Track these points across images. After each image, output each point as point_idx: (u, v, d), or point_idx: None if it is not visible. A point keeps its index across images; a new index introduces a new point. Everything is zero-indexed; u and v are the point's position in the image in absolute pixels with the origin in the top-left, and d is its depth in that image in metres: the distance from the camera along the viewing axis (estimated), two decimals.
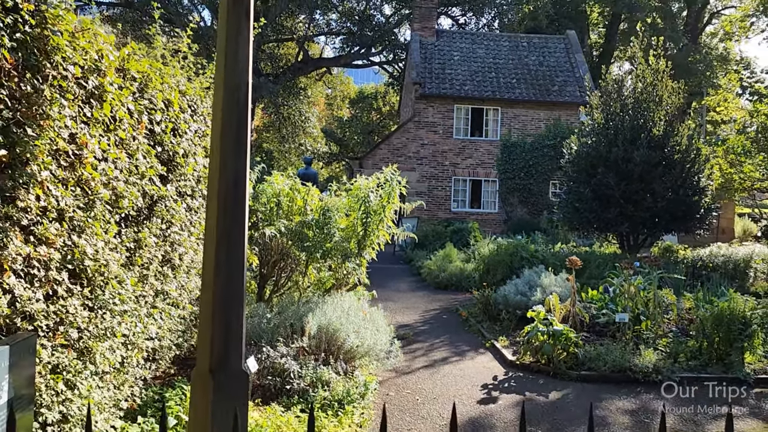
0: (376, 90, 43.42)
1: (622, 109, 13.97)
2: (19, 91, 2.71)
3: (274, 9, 29.12)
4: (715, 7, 39.99)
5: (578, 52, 25.56)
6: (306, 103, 36.71)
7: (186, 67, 5.74)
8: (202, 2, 30.72)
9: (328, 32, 35.20)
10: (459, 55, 25.06)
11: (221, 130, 3.58)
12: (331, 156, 42.53)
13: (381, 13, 33.73)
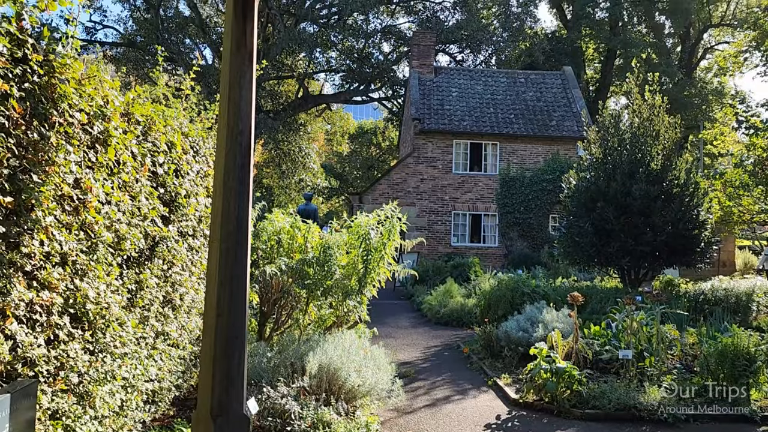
0: (376, 125, 43.85)
1: (619, 143, 14.08)
2: (26, 139, 2.76)
3: (275, 47, 29.59)
4: (709, 42, 40.68)
5: (575, 87, 25.90)
6: (306, 138, 37.03)
7: (188, 108, 5.82)
8: (204, 41, 31.25)
9: (328, 69, 35.71)
10: (457, 91, 25.39)
11: (224, 174, 3.63)
12: (331, 191, 42.70)
13: (380, 50, 34.28)
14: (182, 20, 30.48)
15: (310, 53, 32.58)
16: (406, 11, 35.48)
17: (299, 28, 31.09)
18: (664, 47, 37.81)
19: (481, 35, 31.98)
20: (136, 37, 29.94)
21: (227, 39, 3.49)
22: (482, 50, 33.50)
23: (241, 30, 3.47)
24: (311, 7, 31.29)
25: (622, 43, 34.93)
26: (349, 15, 31.02)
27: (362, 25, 32.56)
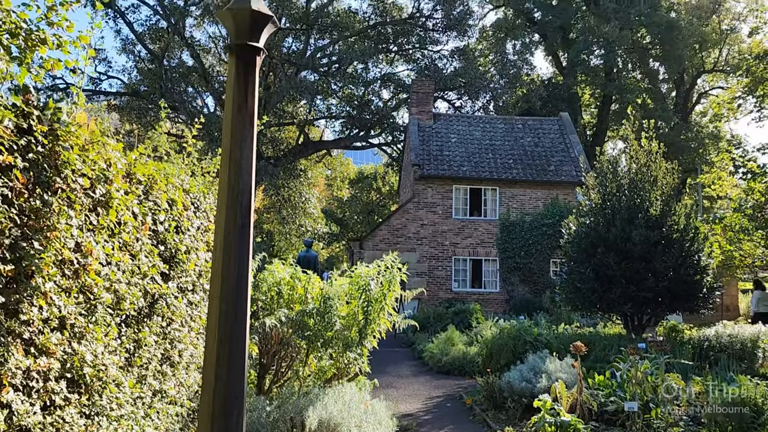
0: (376, 170, 44.18)
1: (618, 189, 14.17)
2: (28, 207, 2.78)
3: (276, 95, 30.08)
4: (703, 87, 41.38)
5: (572, 132, 26.20)
6: (306, 184, 37.27)
7: (190, 164, 5.89)
8: (206, 90, 31.78)
9: (329, 116, 36.21)
10: (456, 137, 25.68)
11: (224, 234, 3.64)
12: (331, 236, 42.73)
13: (379, 97, 34.84)
14: (185, 70, 31.06)
15: (311, 100, 33.11)
16: (405, 59, 36.19)
17: (300, 77, 31.67)
18: (659, 92, 38.42)
19: (479, 82, 32.53)
20: (140, 86, 30.46)
21: (229, 101, 3.55)
22: (480, 97, 34.04)
23: (243, 93, 3.53)
24: (312, 57, 31.94)
25: (618, 88, 35.49)
26: (349, 64, 31.64)
27: (362, 74, 33.17)
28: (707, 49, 38.09)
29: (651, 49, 37.91)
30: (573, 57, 36.59)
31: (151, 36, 31.11)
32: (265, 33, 3.65)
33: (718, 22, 38.06)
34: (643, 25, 35.41)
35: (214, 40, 34.41)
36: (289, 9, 30.73)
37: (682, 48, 34.40)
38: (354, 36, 32.66)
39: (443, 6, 33.16)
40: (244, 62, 3.53)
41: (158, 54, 30.43)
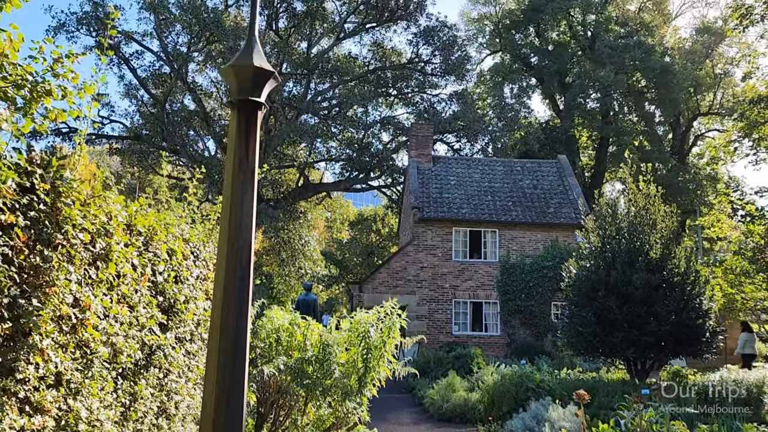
0: (375, 212, 44.30)
1: (617, 232, 14.18)
2: (28, 264, 2.78)
3: (277, 138, 30.38)
4: (699, 130, 41.87)
5: (570, 175, 26.37)
6: (306, 226, 37.32)
7: (190, 212, 5.91)
8: (207, 133, 32.12)
9: (328, 159, 36.51)
10: (455, 179, 25.83)
11: (224, 287, 3.63)
12: (330, 279, 42.56)
13: (379, 140, 35.17)
14: (187, 114, 31.46)
15: (311, 143, 33.43)
16: (404, 103, 36.69)
17: (300, 120, 32.07)
18: (656, 135, 38.87)
19: (478, 125, 32.90)
20: (142, 130, 30.80)
21: (230, 155, 3.59)
22: (479, 139, 34.40)
23: (244, 148, 3.58)
24: (312, 100, 32.39)
25: (615, 131, 35.91)
26: (349, 107, 32.06)
27: (362, 117, 33.61)
28: (702, 93, 38.69)
29: (646, 93, 38.51)
30: (570, 100, 37.13)
31: (154, 81, 31.62)
32: (267, 88, 3.71)
33: (711, 67, 38.76)
34: (638, 70, 36.04)
35: (216, 85, 34.95)
36: (291, 55, 31.32)
37: (677, 92, 34.94)
38: (354, 80, 33.19)
39: (441, 52, 33.79)
40: (245, 117, 3.58)
41: (160, 98, 30.87)
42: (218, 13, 29.52)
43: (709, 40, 38.22)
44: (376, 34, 35.77)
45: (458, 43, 34.67)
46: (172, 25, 30.64)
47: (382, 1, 33.34)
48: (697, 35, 40.27)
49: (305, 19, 32.32)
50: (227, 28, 28.39)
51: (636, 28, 38.98)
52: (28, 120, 5.12)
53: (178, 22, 30.29)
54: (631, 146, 37.45)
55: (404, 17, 34.00)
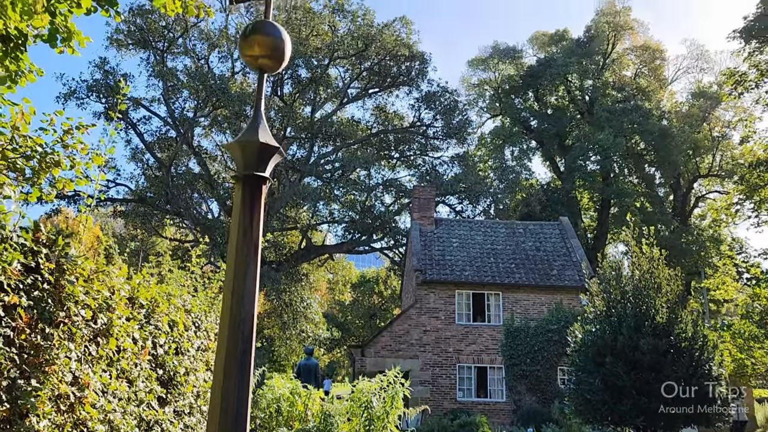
0: (378, 274, 44.15)
1: (622, 296, 14.04)
2: (29, 344, 2.75)
3: (280, 201, 30.61)
4: (700, 191, 42.14)
5: (573, 237, 26.38)
6: (308, 288, 37.10)
7: (192, 281, 5.89)
8: (212, 196, 32.40)
9: (331, 221, 36.64)
10: (458, 241, 25.83)
11: (225, 361, 3.58)
12: (332, 342, 42.00)
13: (382, 202, 35.41)
14: (191, 177, 31.83)
15: (314, 206, 33.65)
16: (406, 165, 37.13)
17: (304, 183, 32.39)
18: (657, 197, 39.12)
19: (479, 187, 33.18)
20: (147, 193, 31.10)
21: (234, 228, 3.61)
22: (480, 201, 34.60)
23: (248, 221, 3.60)
24: (316, 163, 32.82)
25: (616, 193, 36.16)
26: (352, 170, 32.45)
27: (364, 180, 33.94)
28: (701, 155, 39.17)
29: (646, 155, 38.99)
30: (570, 163, 37.57)
31: (160, 145, 32.16)
32: (272, 163, 3.76)
33: (709, 130, 39.37)
34: (636, 133, 36.63)
35: (221, 148, 35.51)
36: (295, 119, 31.96)
37: (675, 154, 35.38)
38: (357, 144, 33.74)
39: (443, 116, 34.47)
40: (250, 192, 3.61)
41: (166, 162, 31.32)
42: (225, 80, 30.32)
43: (705, 104, 38.99)
44: (378, 98, 36.65)
45: (459, 108, 35.43)
46: (180, 91, 31.43)
47: (384, 68, 34.29)
48: (693, 99, 41.11)
49: (309, 85, 33.14)
50: (233, 94, 29.10)
51: (633, 93, 39.85)
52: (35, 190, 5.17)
53: (186, 88, 31.07)
54: (632, 208, 37.63)
55: (406, 83, 34.88)
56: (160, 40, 31.98)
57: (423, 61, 34.40)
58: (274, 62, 3.76)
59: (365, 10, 34.17)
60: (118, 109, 5.06)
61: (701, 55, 43.63)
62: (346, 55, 33.92)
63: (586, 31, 41.77)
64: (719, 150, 39.25)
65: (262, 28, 3.71)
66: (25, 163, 4.77)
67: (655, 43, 42.73)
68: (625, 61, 43.01)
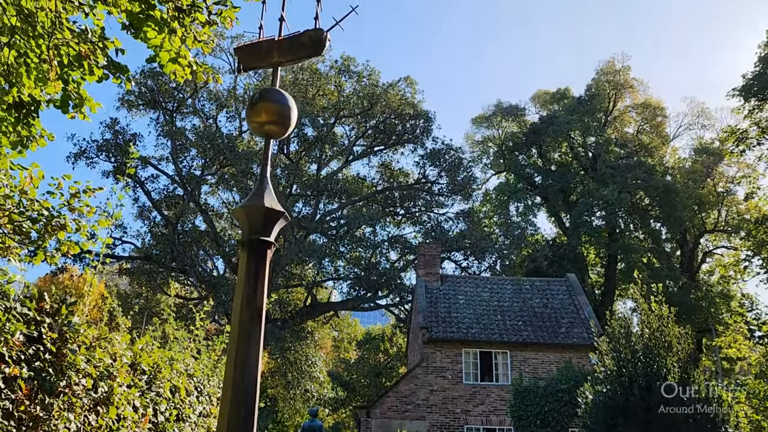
0: (383, 331, 43.61)
1: (632, 355, 13.78)
2: (28, 416, 2.70)
3: (285, 258, 30.59)
4: (707, 246, 41.92)
5: (580, 293, 26.13)
6: (313, 346, 36.62)
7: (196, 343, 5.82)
8: (217, 253, 32.45)
9: (336, 278, 36.48)
10: (464, 298, 25.61)
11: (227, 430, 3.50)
12: (337, 402, 41.13)
13: (387, 259, 35.32)
14: (197, 234, 31.97)
15: (319, 263, 33.59)
16: (411, 221, 37.22)
17: (309, 240, 32.45)
18: (664, 252, 38.94)
19: (485, 243, 33.12)
20: (153, 250, 31.18)
21: (238, 295, 3.59)
22: (486, 257, 34.46)
23: (252, 288, 3.58)
24: (321, 221, 32.97)
25: (622, 248, 36.03)
26: (358, 227, 32.53)
27: (370, 236, 33.99)
28: (706, 210, 39.17)
29: (651, 211, 39.03)
30: (575, 218, 37.61)
31: (167, 202, 32.44)
32: (277, 228, 3.77)
33: (713, 185, 39.52)
34: (640, 189, 36.78)
35: (228, 206, 35.77)
36: (301, 177, 32.31)
37: (681, 209, 35.41)
38: (362, 200, 33.95)
39: (447, 172, 34.78)
40: (255, 257, 3.61)
41: (172, 219, 31.53)
42: (232, 139, 30.84)
43: (708, 160, 39.27)
44: (384, 156, 37.11)
45: (464, 164, 35.78)
46: (188, 150, 31.95)
47: (389, 126, 34.85)
48: (696, 155, 41.43)
49: (315, 143, 33.66)
50: (240, 152, 29.54)
51: (636, 149, 40.25)
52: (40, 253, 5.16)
53: (194, 147, 31.58)
54: (639, 264, 37.41)
55: (411, 140, 35.38)
56: (170, 100, 32.72)
57: (427, 119, 34.98)
58: (281, 128, 3.82)
59: (371, 71, 35.01)
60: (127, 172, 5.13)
61: (702, 112, 44.26)
62: (351, 113, 34.57)
63: (587, 90, 42.57)
64: (724, 205, 39.28)
65: (268, 96, 3.79)
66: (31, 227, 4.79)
67: (655, 100, 43.44)
68: (626, 118, 43.63)
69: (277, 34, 4.05)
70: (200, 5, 5.22)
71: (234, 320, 3.59)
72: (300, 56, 4.02)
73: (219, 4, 5.40)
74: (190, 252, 31.04)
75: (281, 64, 4.02)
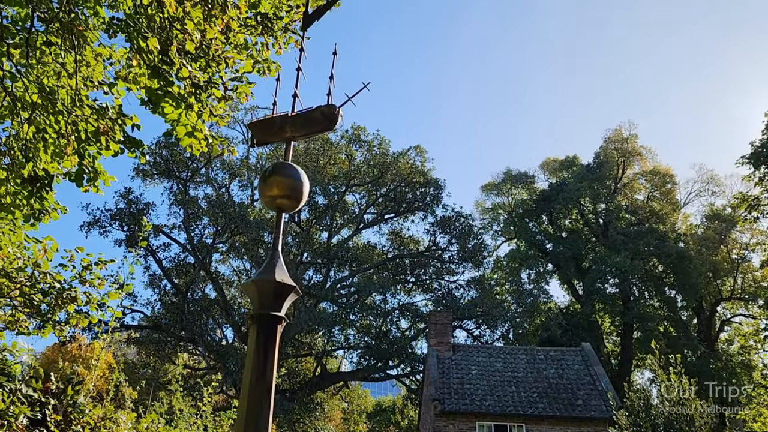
0: (394, 403, 42.54)
1: (653, 430, 13.31)
2: None
3: (295, 327, 30.25)
4: (724, 315, 41.05)
5: (596, 364, 25.47)
6: (322, 418, 35.67)
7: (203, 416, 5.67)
8: (227, 322, 32.18)
9: (346, 347, 35.94)
10: (477, 369, 25.02)
11: None
12: None
13: (397, 327, 34.86)
14: (207, 303, 31.82)
15: (329, 331, 33.19)
16: (422, 289, 36.90)
17: (319, 308, 32.17)
18: (680, 320, 38.17)
19: (496, 312, 32.69)
20: (162, 319, 30.99)
21: (247, 371, 3.50)
22: (498, 326, 33.93)
23: (262, 364, 3.50)
24: (331, 289, 32.77)
25: (637, 317, 35.38)
26: (368, 295, 32.28)
27: (380, 304, 33.66)
28: (721, 278, 38.61)
29: (665, 278, 38.54)
30: (588, 286, 37.17)
31: (178, 271, 32.48)
32: (288, 302, 3.72)
33: (727, 252, 39.10)
34: (653, 255, 36.47)
35: (238, 273, 35.75)
36: (311, 244, 32.38)
37: (695, 276, 34.94)
38: (373, 268, 33.82)
39: (458, 240, 34.76)
40: (265, 332, 3.54)
41: (182, 288, 31.47)
42: (244, 208, 31.15)
43: (720, 227, 39.03)
44: (394, 223, 37.23)
45: (474, 232, 35.79)
46: (200, 218, 32.25)
47: (400, 194, 35.14)
48: (708, 222, 41.23)
49: (326, 212, 33.89)
50: (251, 221, 29.76)
51: (647, 216, 40.16)
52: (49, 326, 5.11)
53: (206, 216, 31.89)
54: (656, 332, 36.59)
55: (421, 208, 35.57)
56: (184, 170, 33.32)
57: (437, 187, 35.28)
58: (293, 202, 3.84)
59: (381, 140, 35.63)
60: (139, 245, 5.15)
61: (711, 179, 44.35)
62: (362, 182, 34.96)
63: (596, 157, 42.94)
64: (740, 273, 38.71)
65: (281, 170, 3.83)
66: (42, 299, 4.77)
67: (664, 167, 43.67)
68: (636, 185, 43.78)
69: (290, 110, 4.13)
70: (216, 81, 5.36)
71: (243, 397, 3.49)
72: (313, 131, 4.08)
73: (235, 81, 5.54)
74: (200, 321, 30.81)
75: (294, 138, 4.08)
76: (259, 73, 5.80)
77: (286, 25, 5.94)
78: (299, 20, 5.91)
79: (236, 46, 5.57)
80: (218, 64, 5.29)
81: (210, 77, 5.32)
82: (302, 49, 4.34)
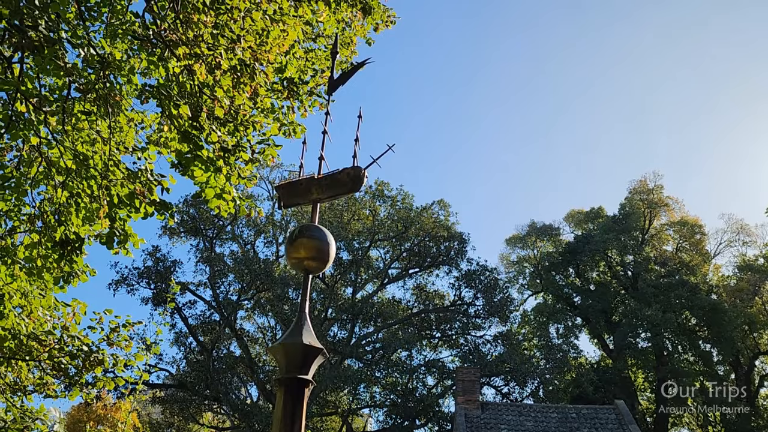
0: None
1: None
2: None
3: (320, 385, 29.82)
4: (763, 369, 39.52)
5: (631, 422, 24.53)
6: None
7: None
8: (251, 380, 31.88)
9: (372, 405, 35.22)
10: (507, 428, 24.27)
11: None
12: None
13: (424, 384, 34.14)
14: (232, 361, 31.64)
15: (354, 389, 32.62)
16: (448, 345, 36.31)
17: (344, 365, 31.74)
18: (717, 375, 36.77)
19: (525, 368, 31.91)
20: (187, 378, 30.83)
21: None
22: (528, 383, 33.05)
23: (289, 428, 3.45)
24: (356, 345, 32.40)
25: (672, 372, 34.22)
26: (393, 351, 31.83)
27: (406, 361, 33.13)
28: (758, 330, 37.37)
29: (699, 331, 37.44)
30: (619, 340, 36.23)
31: (203, 328, 32.49)
32: (315, 365, 3.69)
33: (762, 304, 37.96)
34: (685, 308, 35.54)
35: (263, 330, 35.64)
36: (336, 300, 32.26)
37: (730, 330, 33.87)
38: (398, 324, 33.45)
39: (484, 294, 34.33)
40: (292, 396, 3.49)
41: (208, 346, 31.41)
42: (269, 264, 31.32)
43: (754, 278, 38.02)
44: (419, 278, 36.99)
45: (500, 285, 35.38)
46: (226, 275, 32.43)
47: (424, 249, 35.05)
48: (740, 273, 40.23)
49: (351, 267, 33.86)
50: (277, 277, 29.83)
51: (677, 267, 39.32)
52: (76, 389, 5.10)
53: (232, 272, 32.07)
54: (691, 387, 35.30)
55: (446, 262, 35.36)
56: (211, 227, 33.76)
57: (462, 241, 35.14)
58: (319, 264, 3.86)
59: (404, 195, 35.83)
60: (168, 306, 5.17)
61: (741, 229, 43.50)
62: (386, 237, 34.99)
63: (621, 209, 42.49)
64: None
65: (308, 232, 3.86)
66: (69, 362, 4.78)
67: (692, 218, 43.00)
68: (664, 236, 43.09)
69: (316, 171, 4.19)
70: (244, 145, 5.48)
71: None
72: (339, 193, 4.13)
73: (262, 143, 5.66)
74: (224, 379, 30.58)
75: (320, 200, 4.13)
76: (285, 136, 5.93)
77: (311, 89, 6.10)
78: (324, 84, 6.08)
79: (263, 110, 5.73)
80: (246, 128, 5.42)
81: (238, 141, 5.45)
82: (328, 113, 4.45)
